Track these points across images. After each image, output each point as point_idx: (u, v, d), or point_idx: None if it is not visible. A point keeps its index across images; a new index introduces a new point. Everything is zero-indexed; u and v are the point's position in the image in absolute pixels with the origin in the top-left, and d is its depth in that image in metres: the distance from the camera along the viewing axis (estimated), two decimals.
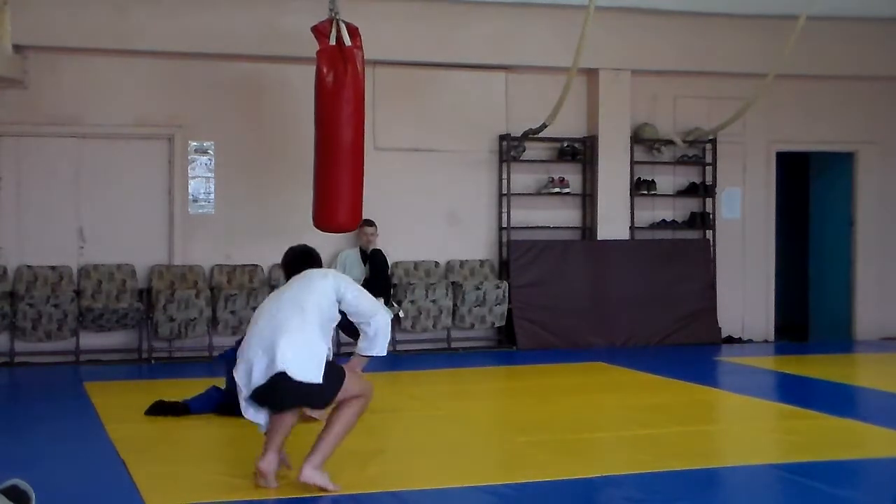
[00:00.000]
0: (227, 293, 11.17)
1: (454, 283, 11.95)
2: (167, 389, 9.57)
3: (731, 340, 13.00)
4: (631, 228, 12.70)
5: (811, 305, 13.96)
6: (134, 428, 7.62)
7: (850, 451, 7.05)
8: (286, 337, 5.80)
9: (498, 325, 12.14)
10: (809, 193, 14.08)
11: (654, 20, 12.44)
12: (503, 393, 9.94)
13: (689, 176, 13.08)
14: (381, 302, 7.29)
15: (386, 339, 6.09)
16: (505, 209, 12.36)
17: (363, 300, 6.07)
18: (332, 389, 5.86)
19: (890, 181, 13.59)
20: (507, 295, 12.04)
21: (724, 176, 13.06)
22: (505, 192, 12.36)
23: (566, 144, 12.58)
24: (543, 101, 11.73)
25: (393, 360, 11.10)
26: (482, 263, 12.35)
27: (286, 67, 11.51)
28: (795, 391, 9.94)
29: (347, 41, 10.24)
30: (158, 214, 11.55)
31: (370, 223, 11.30)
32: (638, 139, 12.74)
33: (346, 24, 10.28)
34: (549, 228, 12.52)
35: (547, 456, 6.79)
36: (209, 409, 8.02)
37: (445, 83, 12.21)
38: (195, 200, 11.58)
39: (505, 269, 12.35)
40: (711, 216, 12.99)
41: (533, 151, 12.57)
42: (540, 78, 12.31)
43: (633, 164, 12.70)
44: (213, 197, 11.62)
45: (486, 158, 12.41)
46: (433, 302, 11.71)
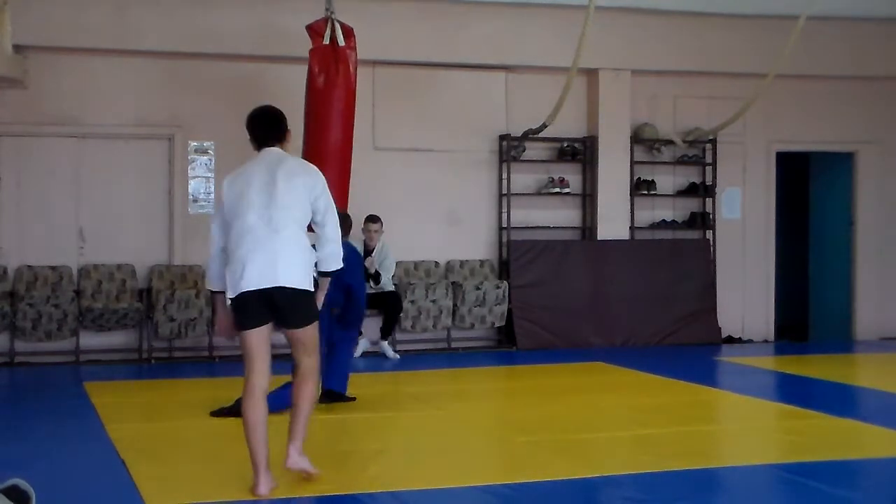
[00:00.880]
0: None
1: (454, 283, 11.95)
2: (167, 389, 9.60)
3: (731, 340, 13.00)
4: (631, 228, 12.70)
5: (811, 305, 13.96)
6: (134, 428, 7.62)
7: (850, 451, 7.05)
8: (286, 249, 5.89)
9: (498, 325, 12.14)
10: (809, 193, 14.09)
11: (654, 20, 12.44)
12: (503, 393, 9.94)
13: (689, 176, 13.08)
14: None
15: (340, 252, 6.18)
16: (505, 209, 12.37)
17: (330, 214, 6.12)
18: (314, 311, 6.15)
19: (890, 181, 13.60)
20: (507, 295, 12.04)
21: (724, 176, 13.06)
22: (505, 192, 12.36)
23: (566, 144, 12.59)
24: (543, 101, 11.73)
25: (393, 360, 11.12)
26: (482, 263, 12.35)
27: (286, 67, 11.49)
28: (795, 391, 9.94)
29: (341, 41, 10.21)
30: (158, 214, 11.54)
31: (374, 219, 11.24)
32: (638, 139, 12.74)
33: (341, 24, 10.25)
34: (549, 228, 12.52)
35: (547, 456, 6.79)
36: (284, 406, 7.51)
37: (445, 83, 12.21)
38: (195, 200, 11.58)
39: (505, 269, 12.35)
40: (711, 216, 13.00)
41: (533, 151, 12.58)
42: (540, 78, 12.31)
43: (633, 164, 12.70)
44: (213, 197, 11.61)
45: (486, 158, 12.41)
46: (433, 302, 11.71)
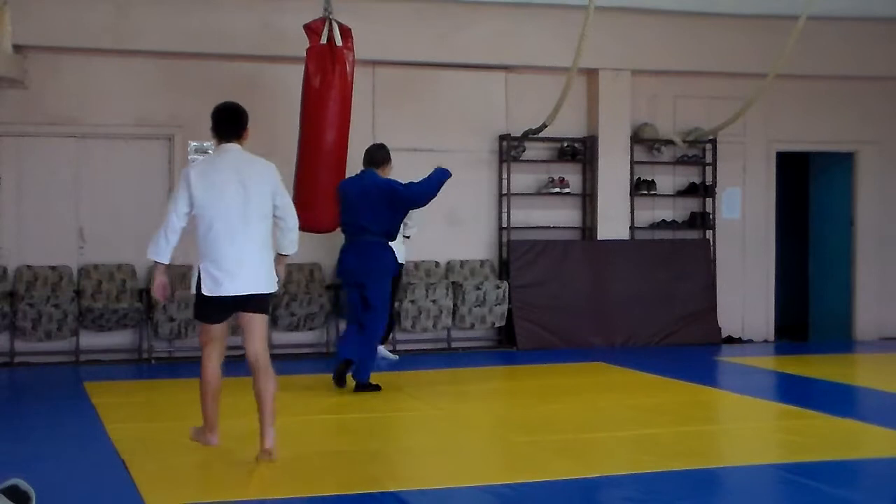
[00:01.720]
0: None
1: (454, 283, 11.95)
2: (167, 389, 9.60)
3: (731, 340, 13.00)
4: (631, 228, 12.71)
5: (811, 305, 13.96)
6: (134, 428, 7.62)
7: (850, 451, 7.06)
8: (258, 256, 6.70)
9: (498, 325, 12.14)
10: (809, 193, 14.09)
11: (654, 20, 12.44)
12: (503, 393, 9.94)
13: (689, 176, 13.08)
14: None
15: (297, 238, 6.93)
16: (505, 209, 12.37)
17: (289, 206, 6.85)
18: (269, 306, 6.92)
19: (890, 181, 13.60)
20: (507, 295, 12.04)
21: (724, 176, 13.06)
22: (505, 192, 12.36)
23: (566, 144, 12.59)
24: (543, 101, 11.73)
25: (391, 360, 11.11)
26: (482, 263, 12.35)
27: (286, 68, 11.49)
28: (795, 391, 9.94)
29: (339, 41, 10.19)
30: (158, 214, 11.48)
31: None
32: (638, 139, 12.74)
33: (339, 24, 10.23)
34: (549, 228, 12.52)
35: (547, 456, 6.79)
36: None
37: (445, 83, 12.21)
38: None
39: (505, 269, 12.35)
40: (711, 216, 13.00)
41: (533, 151, 12.58)
42: (540, 78, 12.31)
43: (633, 164, 12.70)
44: None
45: (486, 158, 12.41)
46: (433, 302, 11.71)
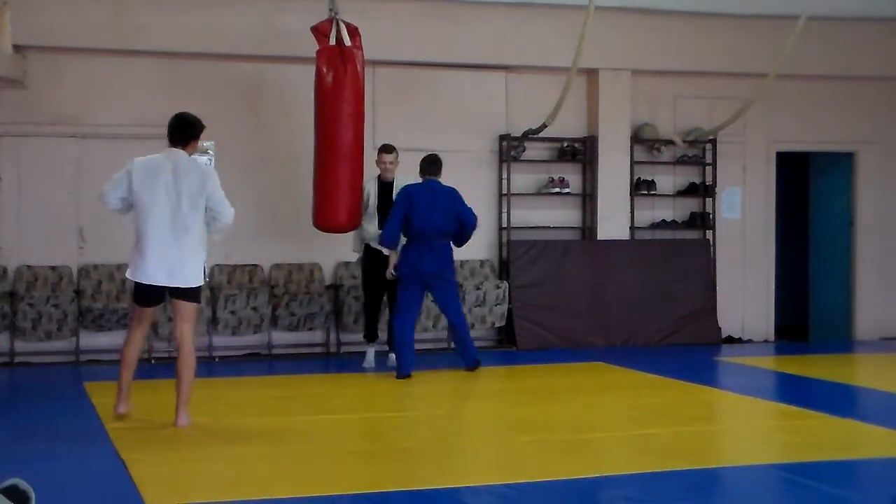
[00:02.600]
0: (227, 293, 11.18)
1: None
2: (167, 389, 9.58)
3: (731, 340, 13.00)
4: (631, 228, 12.71)
5: (811, 305, 13.94)
6: (134, 428, 7.62)
7: (850, 451, 7.06)
8: (181, 252, 7.35)
9: (498, 325, 12.14)
10: (809, 193, 14.08)
11: (654, 20, 12.44)
12: (503, 393, 9.93)
13: (689, 176, 13.08)
14: None
15: (225, 229, 7.67)
16: (505, 209, 12.37)
17: (223, 206, 7.48)
18: (198, 293, 7.54)
19: (890, 181, 13.60)
20: (507, 295, 12.04)
21: (724, 176, 13.06)
22: (505, 192, 12.36)
23: (566, 144, 12.59)
24: (543, 101, 11.74)
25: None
26: (482, 263, 12.35)
27: (286, 67, 11.51)
28: (795, 391, 9.94)
29: (347, 41, 10.27)
30: None
31: (387, 149, 10.52)
32: (638, 139, 12.75)
33: (345, 24, 10.32)
34: (549, 228, 12.52)
35: (547, 456, 6.79)
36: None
37: (445, 83, 12.21)
38: None
39: (505, 269, 12.35)
40: (711, 216, 13.00)
41: (533, 151, 12.58)
42: (540, 78, 12.31)
43: (633, 164, 12.70)
44: None
45: (486, 158, 12.42)
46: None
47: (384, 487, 5.91)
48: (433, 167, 10.30)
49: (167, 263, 7.34)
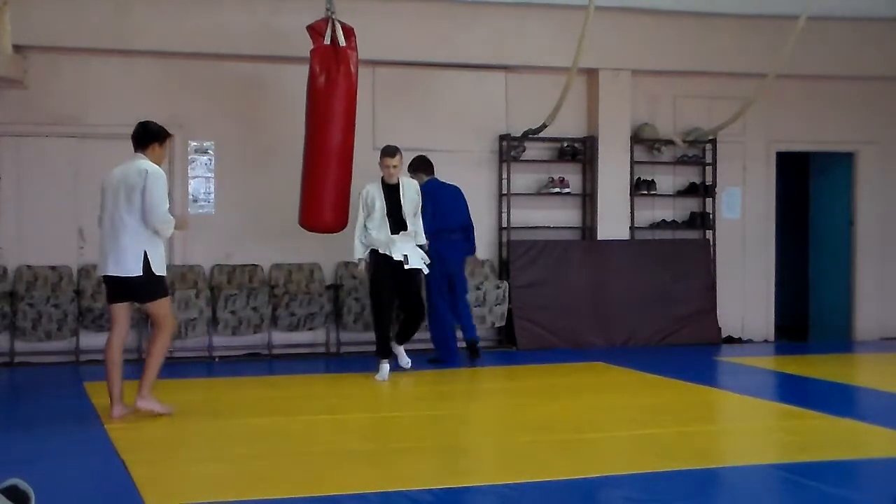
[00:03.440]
0: (227, 293, 11.18)
1: None
2: (167, 389, 9.57)
3: (731, 340, 13.00)
4: (631, 228, 12.70)
5: (811, 305, 13.95)
6: (134, 428, 7.62)
7: (850, 451, 7.05)
8: (119, 244, 7.74)
9: (498, 325, 12.14)
10: (809, 193, 14.08)
11: (654, 20, 12.44)
12: (503, 393, 9.93)
13: (689, 176, 13.08)
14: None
15: (162, 231, 7.85)
16: (505, 209, 12.37)
17: (149, 208, 7.73)
18: (151, 291, 7.79)
19: (890, 181, 13.60)
20: (507, 295, 12.04)
21: (724, 176, 13.06)
22: (505, 192, 12.36)
23: (566, 144, 12.59)
24: (543, 101, 11.73)
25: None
26: (482, 263, 12.34)
27: (286, 67, 11.50)
28: (795, 391, 9.94)
29: (342, 41, 10.23)
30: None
31: (389, 152, 10.00)
32: (638, 139, 12.74)
33: (342, 24, 10.27)
34: (549, 228, 12.52)
35: (547, 456, 6.79)
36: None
37: (445, 83, 12.21)
38: (195, 200, 11.58)
39: (505, 269, 12.35)
40: (711, 216, 13.00)
41: (533, 151, 12.58)
42: (540, 78, 12.31)
43: (633, 164, 12.70)
44: (213, 197, 11.62)
45: (486, 158, 12.42)
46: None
47: (384, 487, 5.90)
48: (431, 167, 10.91)
49: (108, 256, 7.85)
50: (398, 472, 6.38)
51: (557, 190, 12.50)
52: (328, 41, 10.24)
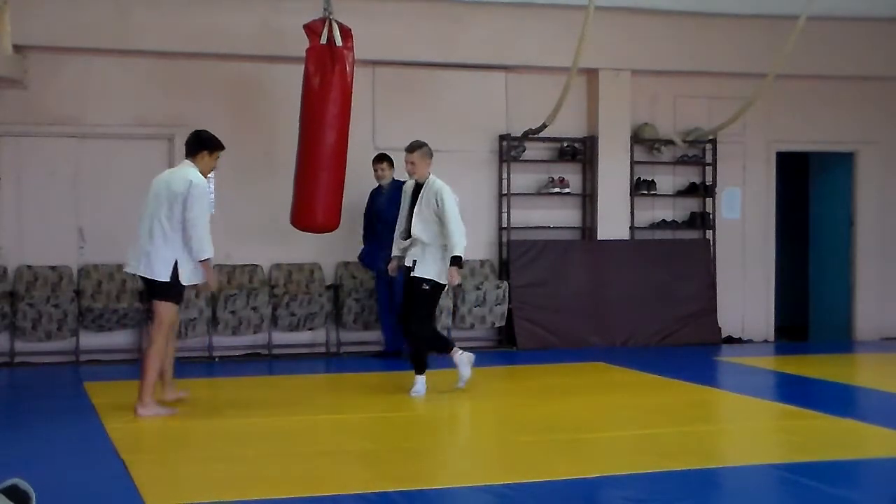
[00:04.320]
0: (227, 293, 11.18)
1: None
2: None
3: (731, 340, 13.00)
4: (631, 228, 12.71)
5: (811, 305, 13.95)
6: (134, 428, 7.62)
7: (850, 451, 7.05)
8: (152, 247, 7.94)
9: (498, 325, 12.14)
10: (809, 193, 14.08)
11: (654, 20, 12.44)
12: (503, 393, 9.93)
13: (689, 176, 13.08)
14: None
15: (197, 245, 7.98)
16: (505, 209, 12.37)
17: (189, 221, 7.89)
18: (167, 293, 7.99)
19: (890, 181, 13.60)
20: (507, 295, 12.04)
21: (724, 176, 13.06)
22: (505, 192, 12.37)
23: (566, 144, 12.59)
24: (543, 101, 11.73)
25: (393, 360, 11.11)
26: (482, 263, 12.35)
27: (286, 67, 11.49)
28: (795, 391, 9.94)
29: (339, 41, 10.19)
30: None
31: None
32: (638, 139, 12.74)
33: (339, 24, 10.23)
34: (549, 228, 12.52)
35: (547, 456, 6.79)
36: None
37: (445, 83, 12.21)
38: None
39: (505, 269, 12.35)
40: (711, 216, 13.00)
41: (533, 151, 12.58)
42: (540, 78, 12.31)
43: (633, 164, 12.70)
44: (213, 197, 11.61)
45: (486, 158, 12.42)
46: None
47: (384, 487, 5.90)
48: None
49: (136, 256, 8.08)
50: (398, 472, 6.38)
51: (557, 190, 12.50)
52: (324, 41, 10.20)
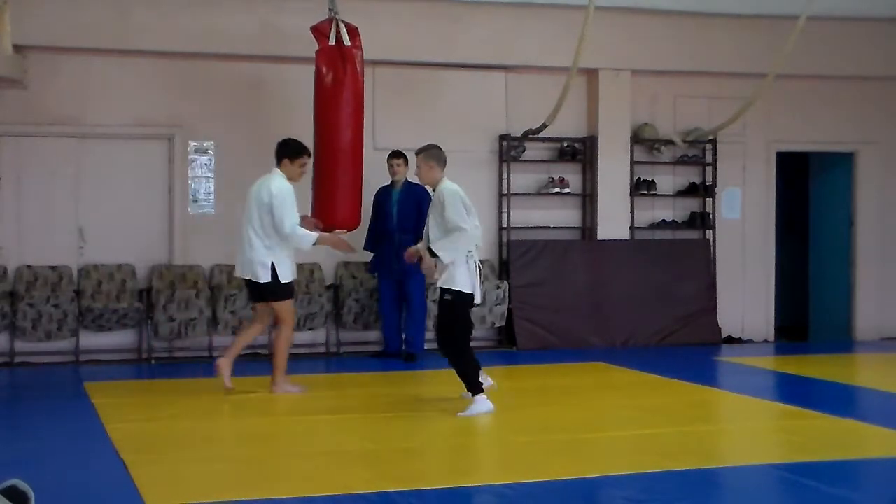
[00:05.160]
0: (227, 293, 11.18)
1: None
2: (167, 389, 9.60)
3: (731, 340, 13.00)
4: (631, 228, 12.70)
5: (811, 305, 13.95)
6: (134, 428, 7.62)
7: (850, 451, 7.06)
8: (251, 251, 8.81)
9: (498, 325, 12.14)
10: (809, 193, 14.08)
11: (654, 20, 12.44)
12: (503, 393, 9.92)
13: (689, 176, 13.08)
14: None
15: (297, 242, 8.88)
16: (505, 209, 12.37)
17: (278, 221, 8.71)
18: (277, 294, 8.85)
19: (890, 181, 13.60)
20: (507, 295, 12.04)
21: (724, 176, 13.06)
22: (505, 192, 12.36)
23: (566, 144, 12.59)
24: (543, 101, 11.73)
25: (393, 359, 11.11)
26: (482, 263, 12.32)
27: (286, 67, 11.51)
28: (795, 391, 9.94)
29: (347, 41, 10.25)
30: (158, 214, 11.54)
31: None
32: (638, 139, 12.74)
33: (345, 24, 10.30)
34: (549, 228, 12.52)
35: (546, 456, 6.79)
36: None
37: (445, 83, 12.21)
38: (195, 200, 11.59)
39: (505, 269, 12.35)
40: (711, 216, 12.99)
41: (533, 151, 12.58)
42: (540, 78, 12.31)
43: (633, 164, 12.70)
44: (213, 197, 11.62)
45: (486, 158, 12.41)
46: (433, 302, 11.69)
47: (384, 487, 5.90)
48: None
49: (240, 260, 9.00)
50: (398, 472, 6.38)
51: (557, 190, 12.50)
52: (333, 42, 10.25)
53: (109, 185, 11.35)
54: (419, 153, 8.77)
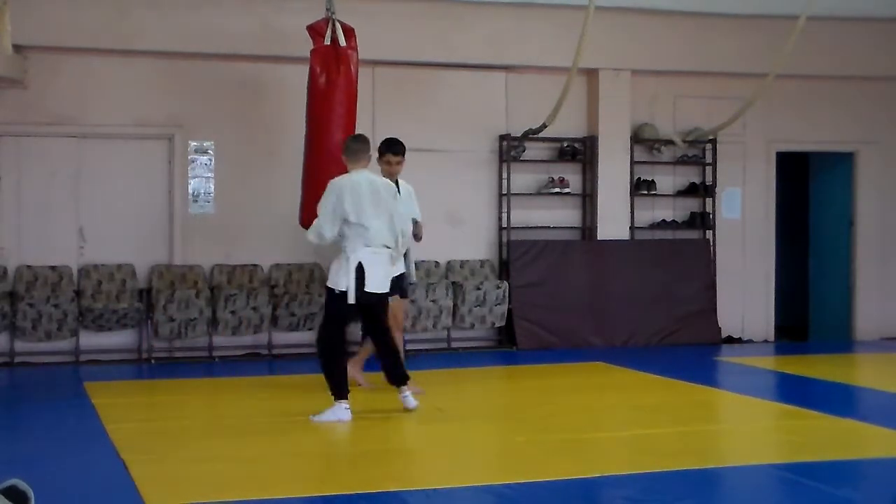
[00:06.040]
0: (227, 293, 11.18)
1: (454, 283, 11.95)
2: (167, 389, 9.60)
3: (731, 340, 13.00)
4: (631, 228, 12.70)
5: (811, 305, 13.95)
6: (134, 428, 7.62)
7: (850, 451, 7.06)
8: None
9: (498, 325, 12.14)
10: (809, 193, 14.08)
11: (654, 20, 12.44)
12: (503, 393, 9.94)
13: (689, 176, 13.08)
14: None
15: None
16: (505, 209, 12.37)
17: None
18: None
19: (890, 181, 13.59)
20: (507, 295, 12.04)
21: (724, 176, 13.06)
22: (505, 192, 12.36)
23: (566, 144, 12.59)
24: (543, 101, 11.73)
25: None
26: (482, 263, 12.35)
27: (286, 67, 11.50)
28: (795, 391, 9.94)
29: (342, 41, 10.22)
30: (158, 214, 11.54)
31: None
32: (638, 139, 12.74)
33: (342, 24, 10.26)
34: (549, 228, 12.52)
35: (547, 456, 6.79)
36: None
37: (445, 83, 12.21)
38: (195, 200, 11.58)
39: (505, 269, 12.35)
40: (711, 216, 12.99)
41: (533, 151, 12.58)
42: (540, 78, 12.31)
43: (633, 164, 12.70)
44: (213, 197, 11.62)
45: (486, 158, 12.41)
46: (433, 302, 11.71)
47: (384, 487, 5.91)
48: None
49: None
50: (397, 472, 6.38)
51: (557, 190, 12.50)
52: (328, 41, 10.23)
53: (109, 185, 11.35)
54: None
